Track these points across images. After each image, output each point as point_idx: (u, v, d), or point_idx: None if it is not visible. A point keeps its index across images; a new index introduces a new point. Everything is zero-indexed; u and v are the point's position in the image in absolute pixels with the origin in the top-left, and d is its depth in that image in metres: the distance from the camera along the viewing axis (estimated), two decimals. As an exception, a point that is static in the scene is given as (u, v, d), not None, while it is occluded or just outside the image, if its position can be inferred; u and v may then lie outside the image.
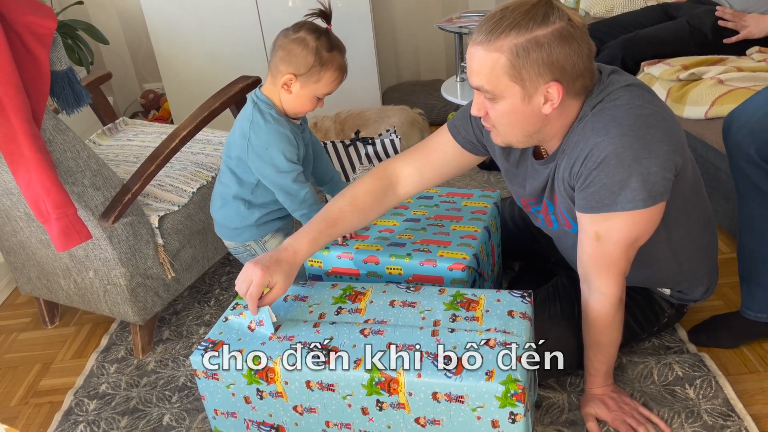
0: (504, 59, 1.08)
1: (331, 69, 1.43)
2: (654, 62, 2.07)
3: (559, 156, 1.20)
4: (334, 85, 1.46)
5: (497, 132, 1.20)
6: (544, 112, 1.12)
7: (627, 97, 1.12)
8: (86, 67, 2.81)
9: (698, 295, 1.42)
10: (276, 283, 1.22)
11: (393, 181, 1.40)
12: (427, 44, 3.47)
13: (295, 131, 1.50)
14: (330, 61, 1.42)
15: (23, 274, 1.82)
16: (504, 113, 1.14)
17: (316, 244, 1.30)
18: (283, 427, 1.21)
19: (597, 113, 1.13)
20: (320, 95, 1.46)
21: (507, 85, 1.10)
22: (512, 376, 1.04)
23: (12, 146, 1.29)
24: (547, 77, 1.08)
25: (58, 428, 1.51)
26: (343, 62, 1.45)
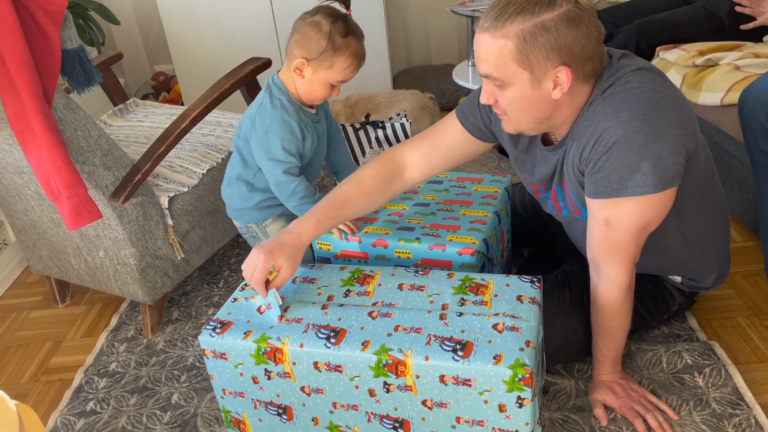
0: (511, 45, 1.06)
1: (345, 55, 1.39)
2: (669, 47, 2.04)
3: (569, 142, 1.19)
4: (348, 72, 1.42)
5: (508, 119, 1.19)
6: (554, 97, 1.11)
7: (638, 81, 1.11)
8: (97, 47, 2.80)
9: (709, 282, 1.41)
10: (281, 267, 1.22)
11: (400, 167, 1.39)
12: (439, 28, 3.44)
13: (306, 121, 1.46)
14: (344, 47, 1.38)
15: (34, 252, 1.83)
16: (513, 100, 1.13)
17: (321, 227, 1.30)
18: (291, 407, 1.22)
19: (607, 97, 1.11)
20: (334, 82, 1.42)
21: (515, 72, 1.09)
22: (520, 361, 1.04)
23: (23, 124, 1.29)
24: (555, 61, 1.07)
25: (68, 405, 1.53)
26: (359, 49, 1.41)
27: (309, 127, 1.47)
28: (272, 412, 1.24)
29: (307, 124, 1.47)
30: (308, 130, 1.47)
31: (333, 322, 1.17)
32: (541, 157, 1.29)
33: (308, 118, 1.48)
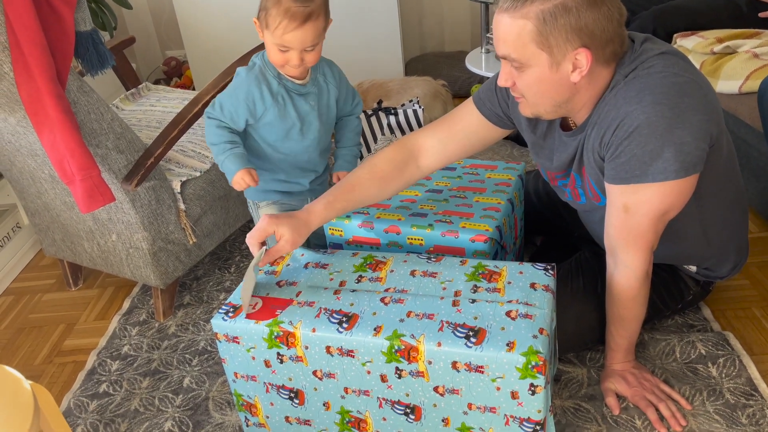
0: (531, 26, 1.05)
1: (273, 13, 1.26)
2: (687, 34, 2.01)
3: (589, 127, 1.17)
4: (283, 34, 1.27)
5: (526, 102, 1.17)
6: (573, 80, 1.10)
7: (661, 65, 1.09)
8: (109, 31, 2.80)
9: (725, 272, 1.40)
10: (282, 236, 1.23)
11: (415, 153, 1.38)
12: (452, 14, 3.41)
13: (278, 90, 1.36)
14: (273, 6, 1.26)
15: (48, 236, 1.84)
16: (532, 82, 1.11)
17: (332, 208, 1.30)
18: (302, 391, 1.22)
19: (629, 81, 1.10)
20: (279, 46, 1.29)
21: (534, 53, 1.07)
22: (533, 348, 1.03)
23: (37, 106, 1.29)
24: (575, 43, 1.05)
25: (81, 387, 1.54)
26: (292, 7, 1.25)
27: (281, 96, 1.37)
28: (284, 396, 1.24)
29: (280, 93, 1.37)
30: (278, 99, 1.36)
31: (345, 307, 1.17)
32: (559, 143, 1.27)
33: (284, 88, 1.37)
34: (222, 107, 1.37)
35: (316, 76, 1.43)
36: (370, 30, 3.04)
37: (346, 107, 1.53)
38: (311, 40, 1.30)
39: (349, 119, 1.55)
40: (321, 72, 1.44)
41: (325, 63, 1.47)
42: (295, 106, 1.40)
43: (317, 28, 1.30)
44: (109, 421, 1.43)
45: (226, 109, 1.37)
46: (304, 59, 1.32)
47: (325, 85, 1.45)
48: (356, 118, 1.56)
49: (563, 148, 1.26)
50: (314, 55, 1.34)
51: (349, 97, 1.52)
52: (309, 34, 1.29)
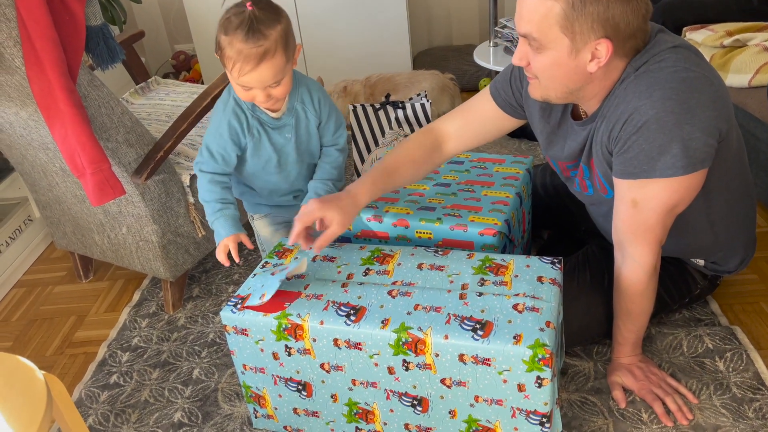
0: (559, 8, 1.04)
1: (227, 53, 1.19)
2: (696, 28, 2.00)
3: (599, 119, 1.17)
4: (238, 76, 1.20)
5: (537, 84, 1.16)
6: (589, 69, 1.09)
7: (673, 60, 1.08)
8: (119, 25, 2.82)
9: (732, 266, 1.39)
10: (332, 220, 1.25)
11: (439, 139, 1.42)
12: (460, 8, 3.40)
13: (253, 124, 1.31)
14: (226, 46, 1.18)
15: (59, 228, 1.86)
16: (548, 65, 1.11)
17: (375, 188, 1.34)
18: (310, 383, 1.23)
19: (640, 75, 1.09)
20: (240, 86, 1.23)
21: (556, 36, 1.06)
22: (540, 341, 1.04)
23: (49, 100, 1.30)
24: (598, 33, 1.05)
25: (92, 378, 1.56)
26: (245, 48, 1.16)
27: (256, 130, 1.32)
28: (292, 388, 1.25)
29: (254, 126, 1.32)
30: (253, 133, 1.32)
31: (353, 299, 1.17)
32: (571, 131, 1.28)
33: (258, 121, 1.32)
34: (210, 152, 1.32)
35: (293, 104, 1.34)
36: (378, 24, 3.04)
37: (326, 135, 1.41)
38: (271, 78, 1.21)
39: (328, 150, 1.43)
40: (299, 99, 1.35)
41: (304, 88, 1.35)
42: (270, 140, 1.34)
43: (275, 66, 1.20)
44: (120, 412, 1.45)
45: (215, 152, 1.32)
46: (271, 95, 1.25)
47: (303, 114, 1.36)
48: (336, 150, 1.43)
49: (574, 137, 1.27)
50: (282, 89, 1.25)
51: (329, 124, 1.40)
52: (267, 74, 1.20)
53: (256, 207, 1.53)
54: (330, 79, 2.97)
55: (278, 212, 1.53)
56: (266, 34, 1.18)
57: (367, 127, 2.25)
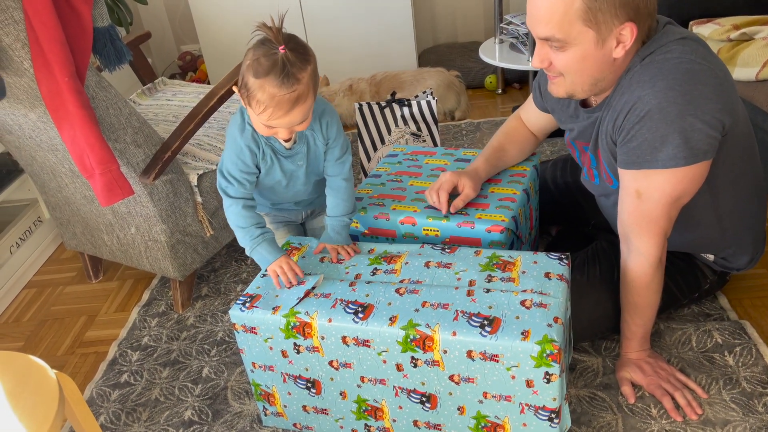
0: (579, 3, 1.03)
1: (257, 97, 1.15)
2: (703, 21, 1.99)
3: (606, 107, 1.17)
4: (267, 119, 1.17)
5: (563, 81, 1.16)
6: (615, 56, 1.09)
7: (679, 51, 1.08)
8: (125, 27, 2.83)
9: (742, 263, 1.39)
10: (464, 186, 1.39)
11: (526, 124, 1.55)
12: (465, 5, 3.40)
13: (266, 151, 1.30)
14: (256, 90, 1.14)
15: (68, 229, 1.88)
16: (575, 60, 1.10)
17: (489, 165, 1.48)
18: (319, 381, 1.24)
19: (646, 65, 1.09)
20: (265, 125, 1.21)
21: (580, 31, 1.06)
22: (548, 336, 1.04)
23: (57, 102, 1.31)
24: (622, 18, 1.04)
25: (103, 377, 1.57)
26: (276, 93, 1.13)
27: (270, 157, 1.32)
28: (301, 385, 1.26)
29: (267, 154, 1.31)
30: (266, 160, 1.31)
31: (361, 297, 1.18)
32: (583, 119, 1.29)
33: (271, 149, 1.31)
34: (234, 177, 1.30)
35: (304, 132, 1.33)
36: (383, 22, 3.04)
37: (330, 158, 1.37)
38: (300, 119, 1.20)
39: (335, 182, 1.38)
40: (309, 126, 1.32)
41: (315, 115, 1.32)
42: (281, 167, 1.35)
43: (306, 108, 1.18)
44: (131, 410, 1.46)
45: (239, 177, 1.30)
46: (294, 131, 1.24)
47: (312, 140, 1.35)
48: (343, 180, 1.38)
49: (582, 122, 1.29)
50: (306, 124, 1.24)
51: (335, 148, 1.36)
52: (297, 117, 1.18)
53: (258, 206, 1.52)
54: (335, 77, 2.97)
55: (279, 212, 1.54)
56: (299, 78, 1.14)
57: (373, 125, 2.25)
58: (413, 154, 1.71)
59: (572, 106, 1.32)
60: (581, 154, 1.38)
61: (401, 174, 1.62)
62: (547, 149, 2.39)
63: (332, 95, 2.77)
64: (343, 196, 1.38)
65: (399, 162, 1.68)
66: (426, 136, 2.23)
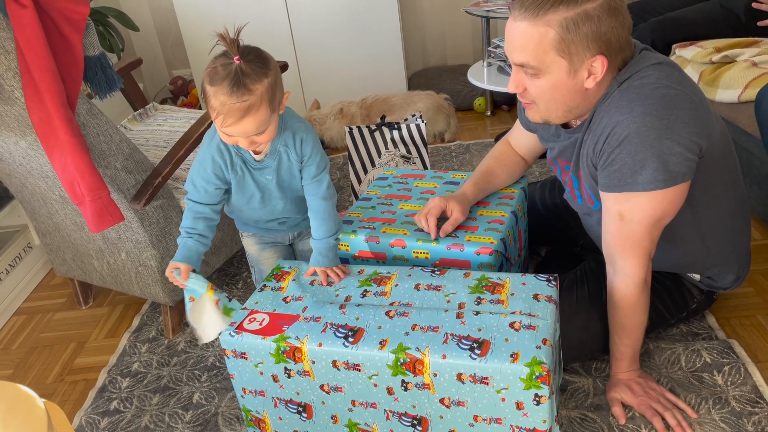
0: (553, 33, 1.07)
1: (211, 103, 1.18)
2: (686, 45, 2.03)
3: (586, 131, 1.20)
4: (221, 126, 1.20)
5: (536, 108, 1.20)
6: (587, 86, 1.12)
7: (655, 76, 1.11)
8: (117, 53, 2.85)
9: (728, 282, 1.40)
10: (453, 210, 1.40)
11: (515, 148, 1.58)
12: (454, 29, 3.45)
13: (236, 162, 1.32)
14: (210, 96, 1.18)
15: (58, 255, 1.87)
16: (547, 89, 1.14)
17: (478, 189, 1.50)
18: (310, 405, 1.23)
19: (623, 90, 1.13)
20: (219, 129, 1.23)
21: (553, 60, 1.09)
22: (537, 358, 1.04)
23: (48, 130, 1.32)
24: (594, 50, 1.08)
25: (92, 404, 1.56)
26: (226, 101, 1.15)
27: (240, 168, 1.33)
28: (292, 410, 1.25)
29: (237, 165, 1.33)
30: (236, 170, 1.33)
31: (351, 321, 1.18)
32: (564, 138, 1.32)
33: (241, 160, 1.33)
34: (194, 184, 1.34)
35: (276, 147, 1.33)
36: (373, 45, 3.08)
37: (306, 177, 1.37)
38: (254, 131, 1.21)
39: (315, 202, 1.37)
40: (282, 142, 1.33)
41: (289, 132, 1.33)
42: (253, 178, 1.35)
43: (258, 120, 1.19)
44: (121, 438, 1.45)
45: (197, 184, 1.33)
46: (254, 141, 1.24)
47: (285, 156, 1.35)
48: (321, 200, 1.36)
49: (563, 142, 1.31)
50: (266, 136, 1.24)
51: (311, 165, 1.35)
52: (250, 127, 1.19)
53: (244, 226, 1.54)
54: (326, 100, 3.00)
55: (265, 233, 1.54)
56: (251, 89, 1.16)
57: (364, 148, 2.27)
58: (403, 177, 1.73)
59: (553, 128, 1.34)
60: (563, 173, 1.40)
61: (391, 197, 1.63)
62: (536, 170, 2.41)
63: (323, 118, 2.79)
64: (323, 216, 1.37)
65: (389, 185, 1.69)
66: (416, 158, 2.25)
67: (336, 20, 3.03)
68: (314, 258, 1.36)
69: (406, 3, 3.36)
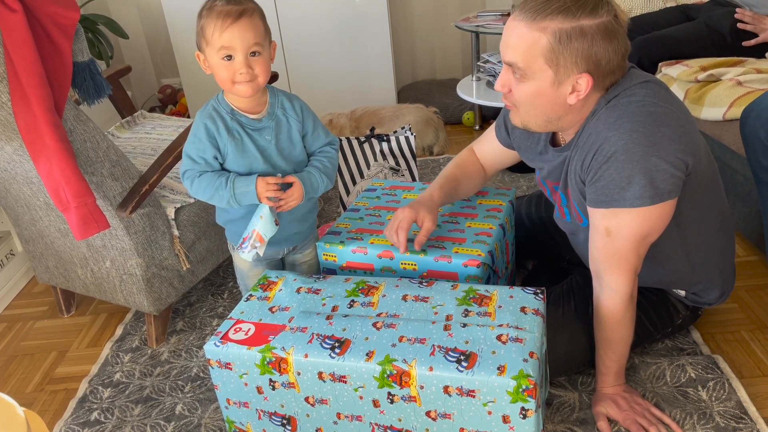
0: (545, 40, 1.08)
1: (211, 17, 1.24)
2: (672, 63, 2.06)
3: (573, 148, 1.21)
4: (220, 35, 1.23)
5: (517, 111, 1.21)
6: (569, 101, 1.13)
7: (642, 94, 1.13)
8: (106, 60, 2.84)
9: (713, 298, 1.41)
10: (423, 219, 1.37)
11: (480, 159, 1.58)
12: (444, 43, 3.48)
13: (234, 126, 1.33)
14: (209, 11, 1.25)
15: (41, 263, 1.85)
16: (529, 93, 1.15)
17: (444, 194, 1.48)
18: (295, 418, 1.22)
19: (611, 108, 1.14)
20: (221, 54, 1.25)
21: (540, 67, 1.10)
22: (524, 372, 1.04)
23: (34, 135, 1.31)
24: (581, 68, 1.09)
25: (72, 415, 1.53)
26: (222, 8, 1.23)
27: (236, 132, 1.33)
28: (276, 422, 1.24)
29: (235, 129, 1.33)
30: (233, 135, 1.33)
31: (338, 332, 1.17)
32: (551, 157, 1.32)
33: (238, 123, 1.34)
34: (191, 157, 1.33)
35: (274, 110, 1.36)
36: (363, 59, 3.09)
37: (316, 143, 1.43)
38: (252, 38, 1.24)
39: (325, 148, 1.44)
40: (280, 105, 1.37)
41: (284, 96, 1.39)
42: (253, 141, 1.35)
43: (255, 27, 1.25)
44: (101, 449, 1.42)
45: (195, 156, 1.33)
46: (252, 68, 1.26)
47: (284, 119, 1.37)
48: (332, 148, 1.44)
49: (552, 161, 1.32)
50: (262, 65, 1.27)
51: (319, 133, 1.42)
52: (248, 32, 1.23)
53: (238, 238, 1.51)
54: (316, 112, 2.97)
55: None
56: (243, 2, 1.25)
57: (353, 159, 2.27)
58: (391, 189, 1.73)
59: (541, 144, 1.35)
60: (552, 193, 1.41)
61: (379, 208, 1.63)
62: (524, 184, 2.42)
63: (312, 130, 2.79)
64: (329, 156, 1.44)
65: (377, 197, 1.69)
66: (404, 170, 2.25)
67: (327, 33, 3.05)
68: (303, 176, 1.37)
69: (396, 16, 3.38)
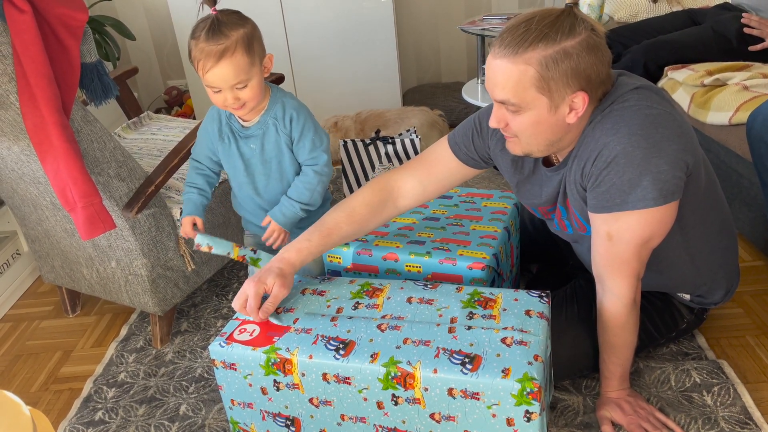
0: (533, 71, 1.07)
1: (194, 56, 1.29)
2: (678, 67, 2.06)
3: (570, 161, 1.21)
4: (203, 75, 1.29)
5: (518, 142, 1.19)
6: (569, 121, 1.13)
7: (635, 99, 1.13)
8: (113, 62, 2.85)
9: (718, 298, 1.41)
10: (272, 285, 1.24)
11: (393, 194, 1.41)
12: (449, 46, 3.48)
13: (225, 131, 1.42)
14: (193, 49, 1.29)
15: (47, 262, 1.86)
16: (528, 124, 1.14)
17: (307, 253, 1.32)
18: (299, 419, 1.22)
19: (606, 115, 1.14)
20: (208, 88, 1.31)
21: (534, 97, 1.10)
22: (528, 375, 1.04)
23: (42, 135, 1.32)
24: (574, 87, 1.09)
25: (77, 414, 1.54)
26: (207, 47, 1.26)
27: (227, 137, 1.42)
28: (280, 423, 1.24)
29: (225, 134, 1.43)
30: (224, 139, 1.43)
31: (342, 333, 1.18)
32: (545, 179, 1.31)
33: (229, 128, 1.42)
34: (197, 143, 1.50)
35: (266, 118, 1.39)
36: (368, 61, 3.10)
37: (301, 154, 1.41)
38: (234, 77, 1.27)
39: (305, 169, 1.43)
40: (272, 114, 1.39)
41: (279, 105, 1.39)
42: (238, 148, 1.43)
43: (236, 64, 1.27)
44: (105, 449, 1.43)
45: (194, 153, 1.51)
46: (239, 98, 1.30)
47: (273, 129, 1.39)
48: (312, 171, 1.41)
49: (549, 183, 1.30)
50: (249, 92, 1.31)
51: (304, 142, 1.39)
52: (228, 72, 1.26)
53: (246, 223, 1.59)
54: (321, 114, 3.01)
55: (260, 231, 1.53)
56: (227, 34, 1.26)
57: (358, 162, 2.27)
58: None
59: (527, 168, 1.32)
60: (544, 213, 1.39)
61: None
62: (529, 188, 2.42)
63: (317, 132, 2.80)
64: (307, 184, 1.42)
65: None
66: (409, 173, 2.25)
67: (332, 35, 3.05)
68: (274, 211, 1.44)
69: (402, 19, 3.39)
